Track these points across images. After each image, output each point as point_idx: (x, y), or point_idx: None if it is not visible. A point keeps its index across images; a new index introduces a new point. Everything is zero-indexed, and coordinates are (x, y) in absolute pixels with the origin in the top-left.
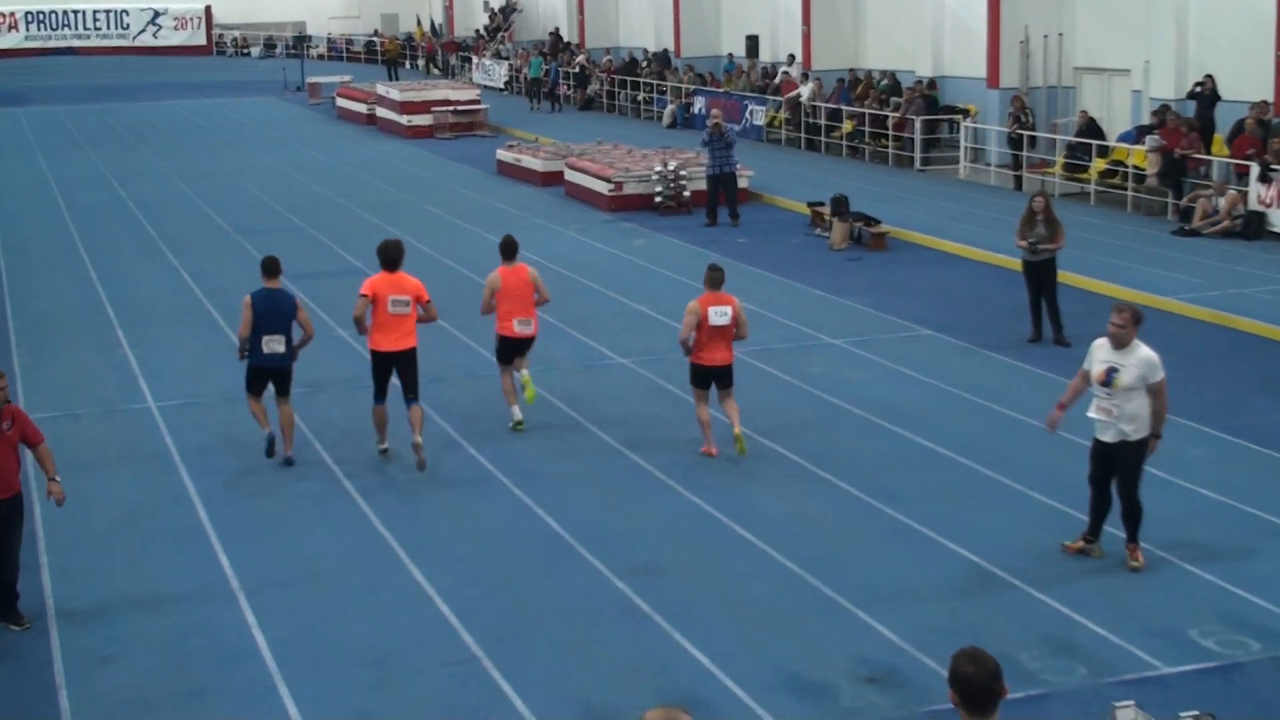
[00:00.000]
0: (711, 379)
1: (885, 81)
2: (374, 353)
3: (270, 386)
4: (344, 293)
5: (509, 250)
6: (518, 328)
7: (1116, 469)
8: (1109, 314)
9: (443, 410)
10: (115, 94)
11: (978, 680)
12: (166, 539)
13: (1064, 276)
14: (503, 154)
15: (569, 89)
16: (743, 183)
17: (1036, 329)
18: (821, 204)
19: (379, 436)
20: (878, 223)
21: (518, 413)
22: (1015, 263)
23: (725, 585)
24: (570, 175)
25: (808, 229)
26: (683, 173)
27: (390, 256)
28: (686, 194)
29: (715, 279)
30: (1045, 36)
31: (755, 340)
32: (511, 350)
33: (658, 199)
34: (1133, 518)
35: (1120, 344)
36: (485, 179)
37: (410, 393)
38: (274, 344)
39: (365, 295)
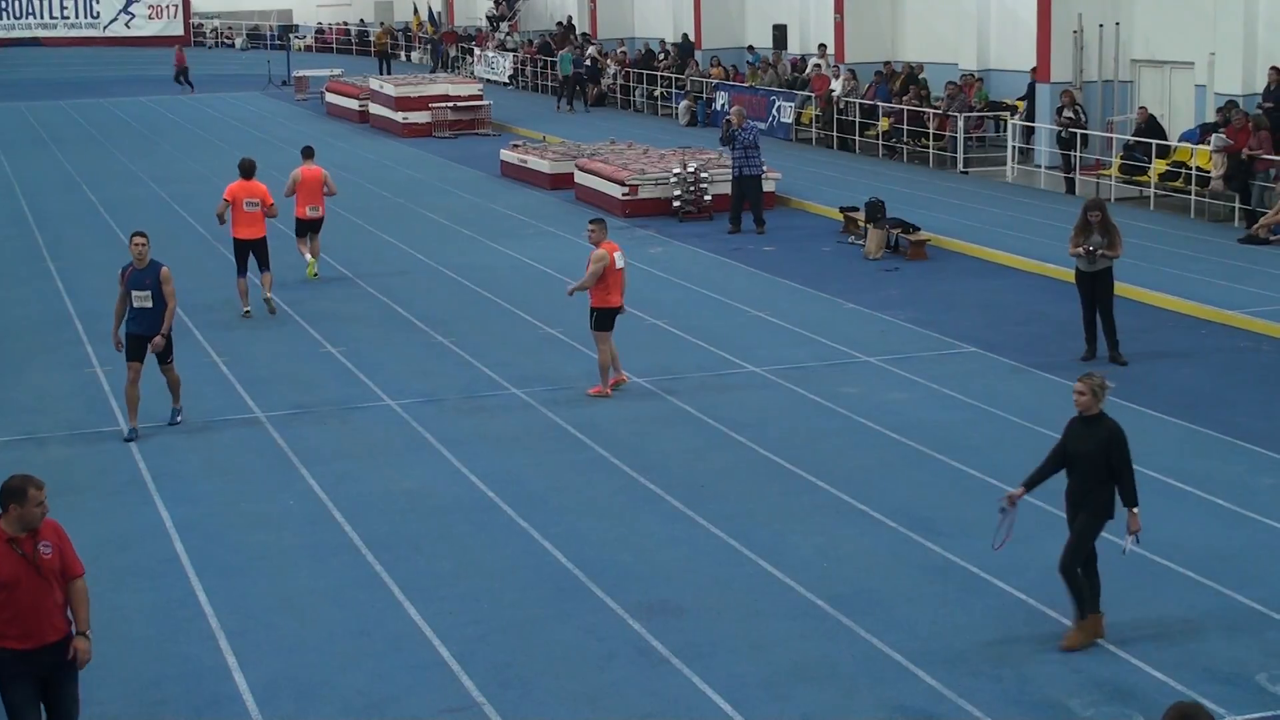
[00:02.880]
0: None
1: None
2: (236, 240)
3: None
4: (335, 306)
5: (308, 153)
6: (309, 212)
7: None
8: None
9: (440, 432)
10: (84, 89)
11: None
12: (140, 573)
13: (1121, 289)
14: (507, 154)
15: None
16: (769, 186)
17: (1091, 346)
18: (855, 209)
19: (242, 303)
20: (917, 229)
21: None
22: (1068, 274)
23: (750, 626)
24: (580, 178)
25: (840, 236)
26: (703, 175)
27: (246, 169)
28: (708, 198)
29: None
30: (1100, 26)
31: (784, 358)
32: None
33: (676, 203)
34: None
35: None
36: (488, 181)
37: (264, 266)
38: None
39: (226, 199)
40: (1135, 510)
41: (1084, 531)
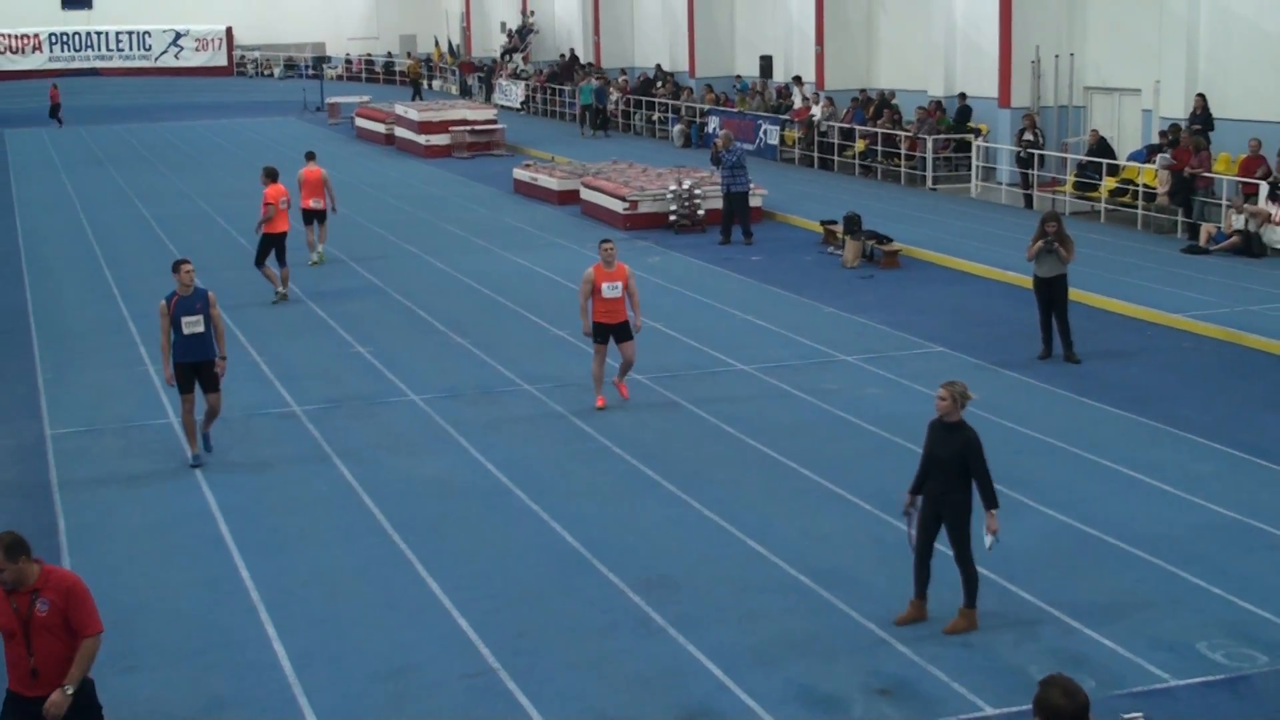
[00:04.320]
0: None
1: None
2: (273, 235)
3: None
4: (363, 310)
5: (310, 156)
6: (312, 204)
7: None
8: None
9: (463, 426)
10: (138, 114)
11: (1068, 712)
12: (188, 552)
13: (1075, 294)
14: (519, 173)
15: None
16: (756, 201)
17: (1047, 346)
18: (834, 222)
19: (277, 287)
20: (890, 241)
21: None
22: (1027, 280)
23: (739, 599)
24: (586, 194)
25: (821, 247)
26: (697, 192)
27: (272, 172)
28: (701, 212)
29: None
30: (1056, 56)
31: (770, 357)
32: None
33: (672, 217)
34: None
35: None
36: (502, 198)
37: (284, 260)
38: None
39: (270, 202)
40: (994, 512)
41: (958, 537)
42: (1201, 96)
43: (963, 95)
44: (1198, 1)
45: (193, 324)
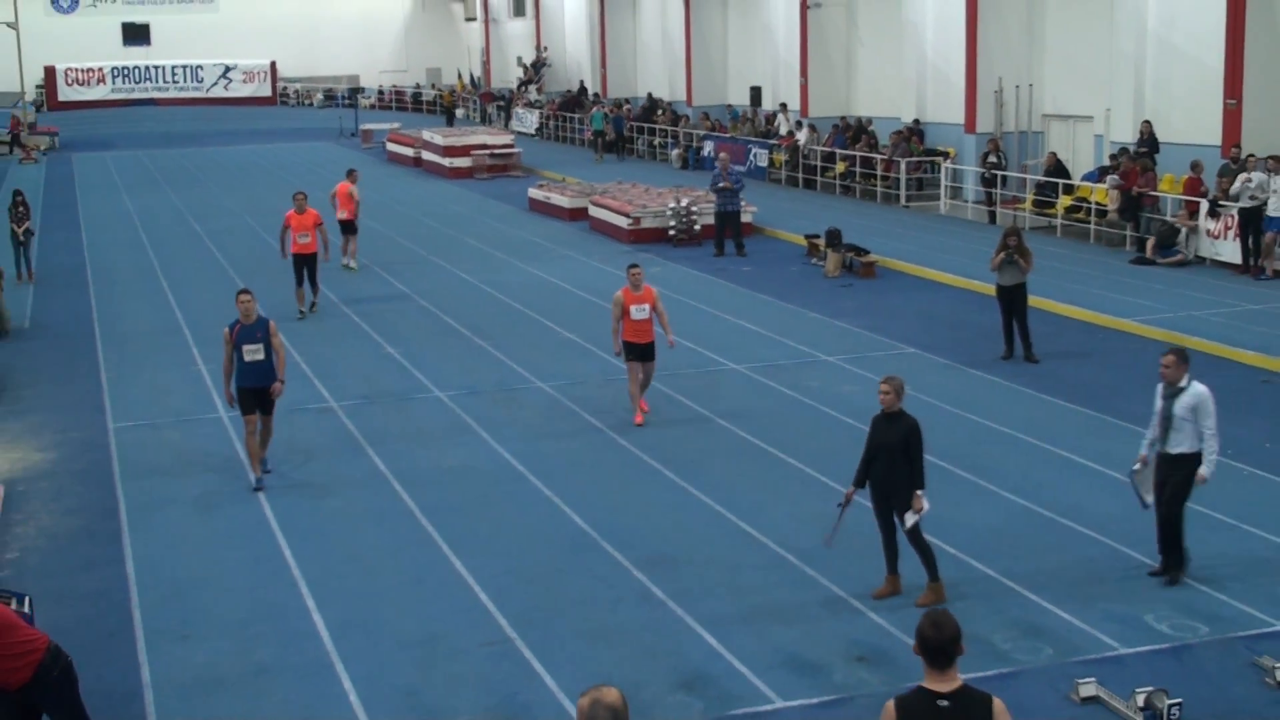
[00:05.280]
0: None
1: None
2: (295, 255)
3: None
4: (394, 316)
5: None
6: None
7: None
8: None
9: (483, 420)
10: (191, 139)
11: (935, 641)
12: (237, 533)
13: (1033, 300)
14: (534, 192)
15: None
16: (746, 217)
17: (1009, 347)
18: (817, 236)
19: (299, 307)
20: (867, 253)
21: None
22: (990, 288)
23: (732, 575)
24: (594, 211)
25: (805, 259)
26: (694, 209)
27: (299, 203)
28: (697, 227)
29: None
30: (1017, 87)
31: (760, 357)
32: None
33: (671, 231)
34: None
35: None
36: (518, 214)
37: (313, 280)
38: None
39: (288, 226)
40: (920, 492)
41: (914, 525)
42: (1148, 123)
43: (917, 121)
44: (1144, 38)
45: (254, 351)
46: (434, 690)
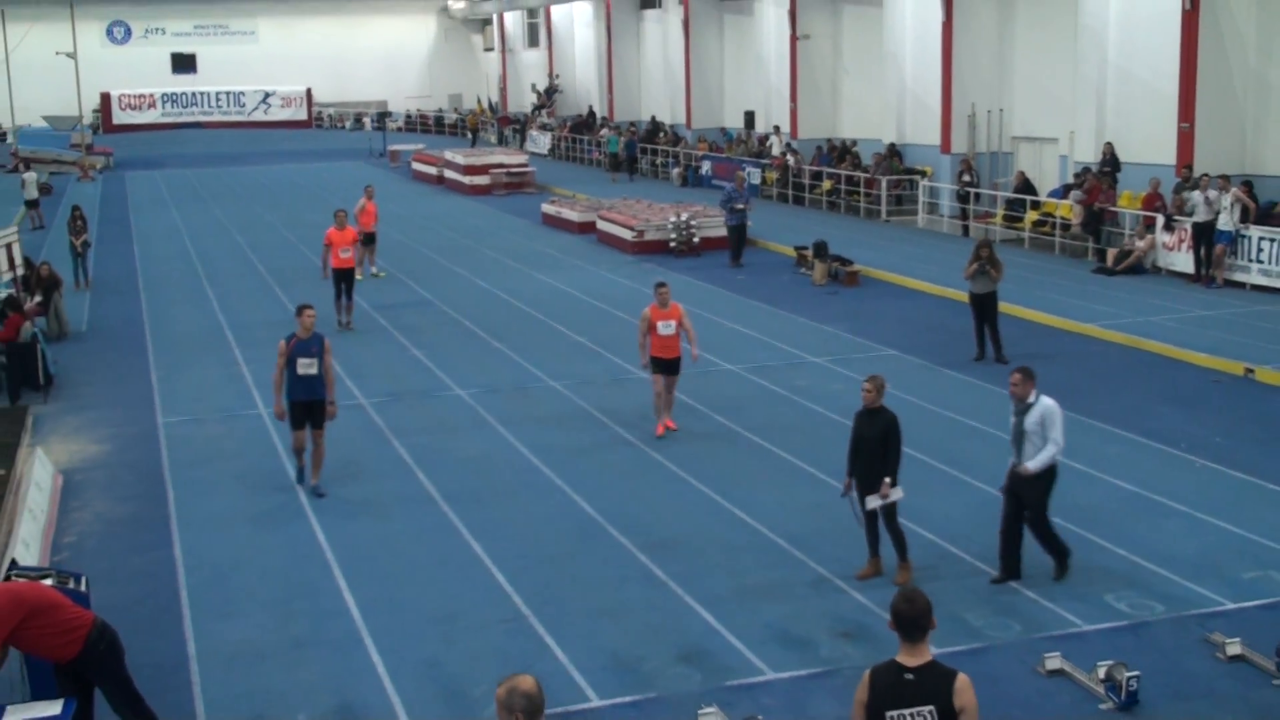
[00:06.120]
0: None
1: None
2: (335, 270)
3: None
4: (418, 320)
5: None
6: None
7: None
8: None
9: (500, 415)
10: (233, 159)
11: (908, 615)
12: (275, 519)
13: (1004, 307)
14: (546, 208)
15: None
16: None
17: (980, 350)
18: (805, 248)
19: (339, 318)
20: (851, 263)
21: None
22: (964, 295)
23: (728, 558)
24: (601, 225)
25: (794, 268)
26: (693, 223)
27: (340, 220)
28: (696, 240)
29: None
30: (989, 111)
31: (753, 359)
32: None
33: (672, 243)
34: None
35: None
36: (532, 228)
37: (349, 294)
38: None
39: (330, 243)
40: (888, 480)
41: (885, 506)
42: (1109, 144)
43: (893, 145)
44: (1105, 67)
45: (307, 365)
46: (455, 662)
